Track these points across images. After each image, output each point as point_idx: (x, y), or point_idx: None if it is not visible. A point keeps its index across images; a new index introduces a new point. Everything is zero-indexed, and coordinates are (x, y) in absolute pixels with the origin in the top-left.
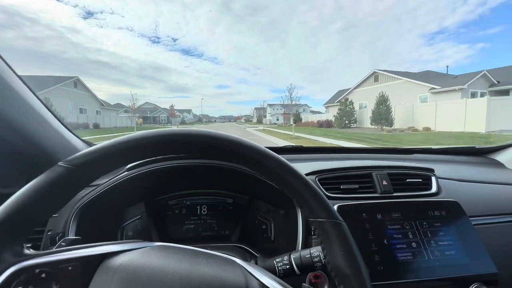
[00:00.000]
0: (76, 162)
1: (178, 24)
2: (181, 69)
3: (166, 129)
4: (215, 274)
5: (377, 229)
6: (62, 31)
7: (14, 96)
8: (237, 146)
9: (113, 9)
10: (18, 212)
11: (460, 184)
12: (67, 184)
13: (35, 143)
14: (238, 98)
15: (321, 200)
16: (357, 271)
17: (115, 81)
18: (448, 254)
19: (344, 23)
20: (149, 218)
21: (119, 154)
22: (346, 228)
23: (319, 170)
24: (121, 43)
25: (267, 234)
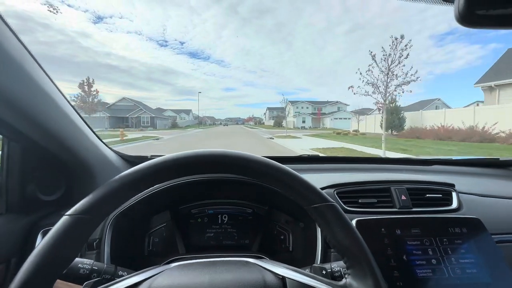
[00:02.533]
0: (82, 210)
1: (185, 28)
2: (188, 72)
3: (156, 159)
4: (234, 277)
5: (396, 244)
6: (73, 35)
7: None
8: (226, 158)
9: (122, 14)
10: (39, 270)
11: (482, 199)
12: (78, 232)
13: (75, 154)
14: (245, 101)
15: (312, 188)
16: (355, 241)
17: (124, 84)
18: (470, 273)
19: (351, 25)
20: (174, 226)
21: (121, 191)
22: (339, 208)
23: (338, 184)
24: (130, 47)
25: (285, 245)
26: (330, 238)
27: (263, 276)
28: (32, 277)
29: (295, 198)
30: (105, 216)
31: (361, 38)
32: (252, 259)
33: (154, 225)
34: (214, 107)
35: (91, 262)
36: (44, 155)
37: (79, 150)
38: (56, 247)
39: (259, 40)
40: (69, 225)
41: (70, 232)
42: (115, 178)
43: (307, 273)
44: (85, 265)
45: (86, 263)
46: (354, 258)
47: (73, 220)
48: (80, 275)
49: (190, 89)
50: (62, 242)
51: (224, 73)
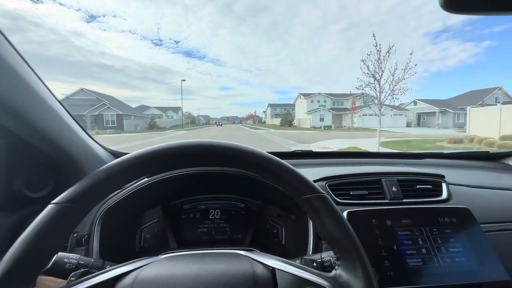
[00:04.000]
0: (68, 199)
1: (180, 27)
2: (183, 71)
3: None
4: (223, 268)
5: (387, 235)
6: (66, 34)
7: (43, 105)
8: (214, 148)
9: (116, 13)
10: (24, 259)
11: (471, 190)
12: (64, 221)
13: (62, 150)
14: (241, 100)
15: (303, 179)
16: (345, 231)
17: (119, 84)
18: (459, 261)
19: (347, 23)
20: (165, 222)
21: (109, 180)
22: (329, 198)
23: (329, 176)
24: (124, 46)
25: (278, 238)
26: (320, 230)
27: (252, 267)
28: (14, 267)
29: (286, 189)
30: (93, 206)
31: (356, 36)
32: (243, 252)
33: (146, 221)
34: (210, 106)
35: (78, 257)
36: (31, 151)
37: (67, 145)
38: (40, 237)
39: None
40: (55, 214)
41: (56, 221)
42: (103, 168)
43: (297, 265)
44: (71, 259)
45: (72, 258)
46: (344, 250)
47: (59, 208)
48: (66, 269)
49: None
50: (47, 231)
51: (220, 72)
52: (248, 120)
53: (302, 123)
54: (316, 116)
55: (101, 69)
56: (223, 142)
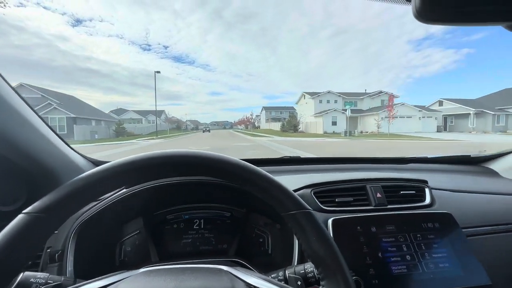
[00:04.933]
0: (41, 209)
1: (170, 32)
2: (173, 77)
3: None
4: (201, 285)
5: (372, 242)
6: (50, 39)
7: (14, 113)
8: (199, 159)
9: (103, 17)
10: None
11: (453, 194)
12: (35, 233)
13: (36, 160)
14: (232, 105)
15: (289, 195)
16: (330, 251)
17: (106, 89)
18: (442, 267)
19: (334, 29)
20: (147, 233)
21: (86, 190)
22: (315, 215)
23: (315, 184)
24: (112, 51)
25: (264, 248)
26: (305, 247)
27: (233, 285)
28: None
29: (271, 204)
30: (67, 217)
31: (344, 42)
32: (226, 267)
33: (126, 233)
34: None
35: (46, 276)
36: (1, 163)
37: (41, 155)
38: (8, 248)
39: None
40: (25, 224)
41: (26, 232)
42: (80, 176)
43: (280, 284)
44: (39, 279)
45: (40, 277)
46: (328, 269)
47: (30, 218)
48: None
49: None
50: (15, 243)
51: (210, 78)
52: (240, 125)
53: (310, 127)
54: (327, 119)
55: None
56: (208, 153)
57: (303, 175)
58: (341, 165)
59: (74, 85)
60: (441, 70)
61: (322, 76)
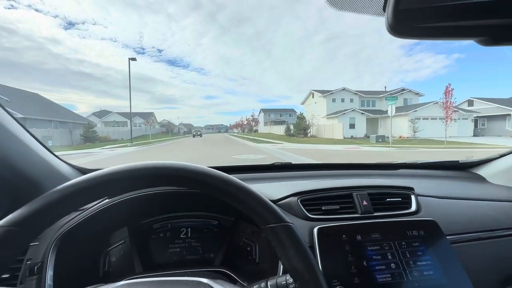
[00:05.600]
0: (13, 222)
1: (164, 35)
2: (167, 80)
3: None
4: None
5: (357, 250)
6: (42, 41)
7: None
8: (177, 171)
9: (96, 20)
10: None
11: (439, 201)
12: (5, 247)
13: (17, 169)
14: (226, 109)
15: (269, 207)
16: (308, 265)
17: (99, 93)
18: (427, 275)
19: (327, 34)
20: (132, 243)
21: (63, 203)
22: (295, 229)
23: (301, 192)
24: (105, 54)
25: (252, 256)
26: (283, 261)
27: None
28: None
29: (251, 216)
30: (41, 230)
31: (337, 47)
32: (206, 279)
33: (111, 243)
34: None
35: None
36: None
37: (22, 164)
38: None
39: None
40: None
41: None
42: (57, 188)
43: None
44: None
45: None
46: (306, 285)
47: (2, 232)
48: None
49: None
50: None
51: (204, 81)
52: (236, 128)
53: (323, 131)
54: (344, 120)
55: (80, 77)
56: (188, 164)
57: (292, 182)
58: (331, 171)
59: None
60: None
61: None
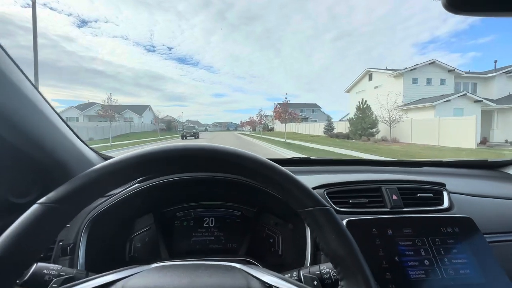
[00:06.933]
0: (55, 199)
1: (173, 33)
2: (177, 78)
3: (142, 150)
4: (216, 282)
5: (388, 245)
6: (57, 39)
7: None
8: (215, 153)
9: (108, 18)
10: (1, 262)
11: (473, 199)
12: (49, 223)
13: (51, 154)
14: (235, 107)
15: (306, 190)
16: (350, 250)
17: (111, 90)
18: (463, 273)
19: (338, 32)
20: (157, 230)
21: (100, 182)
22: (334, 213)
23: (328, 184)
24: (116, 52)
25: (274, 248)
26: (323, 245)
27: (248, 283)
28: None
29: (287, 200)
30: (81, 208)
31: (347, 45)
32: (239, 264)
33: (136, 229)
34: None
35: (59, 268)
36: (16, 154)
37: (56, 149)
38: (22, 238)
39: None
40: (39, 214)
41: (40, 222)
42: (95, 168)
43: (296, 283)
44: (51, 270)
45: (53, 269)
46: (348, 269)
47: (45, 209)
48: (44, 281)
49: (179, 95)
50: (29, 232)
51: (213, 79)
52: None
53: (414, 132)
54: (443, 113)
55: (93, 75)
56: (224, 147)
57: (315, 175)
58: (353, 167)
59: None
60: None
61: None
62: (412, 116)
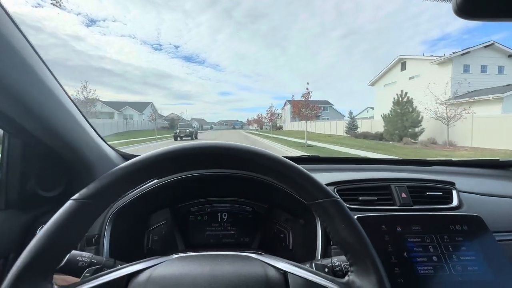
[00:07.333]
0: (87, 195)
1: (180, 32)
2: (183, 76)
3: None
4: (235, 270)
5: (397, 241)
6: (66, 39)
7: (62, 108)
8: (228, 150)
9: (116, 17)
10: (42, 253)
11: (482, 198)
12: (82, 218)
13: (76, 151)
14: (241, 105)
15: (317, 184)
16: (359, 237)
17: (119, 88)
18: (471, 270)
19: (345, 30)
20: (174, 223)
21: (125, 179)
22: (343, 204)
23: (338, 181)
24: (124, 51)
25: (285, 243)
26: (333, 235)
27: (265, 270)
28: (33, 261)
29: (298, 193)
30: (110, 203)
31: (354, 43)
32: (254, 254)
33: (153, 222)
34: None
35: (90, 255)
36: (45, 151)
37: (80, 146)
38: (59, 232)
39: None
40: (74, 209)
41: (75, 217)
42: (121, 166)
43: (310, 269)
44: (84, 257)
45: (85, 256)
46: (357, 256)
47: (78, 204)
48: (78, 268)
49: (186, 93)
50: (65, 226)
51: (219, 77)
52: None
53: (491, 133)
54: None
55: (101, 73)
56: (238, 144)
57: (325, 173)
58: (362, 165)
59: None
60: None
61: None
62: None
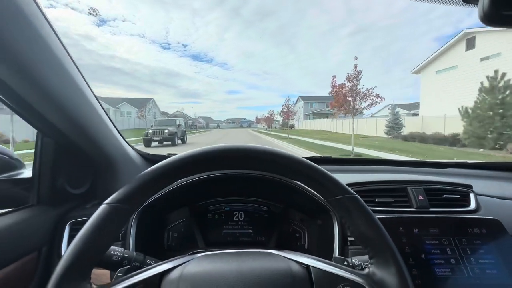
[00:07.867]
0: (118, 199)
1: (188, 30)
2: (191, 75)
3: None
4: (261, 266)
5: (415, 243)
6: (77, 38)
7: (89, 107)
8: (247, 152)
9: (125, 17)
10: (81, 254)
11: (500, 201)
12: (115, 220)
13: (102, 151)
14: (249, 103)
15: (334, 180)
16: (378, 231)
17: (128, 87)
18: (490, 273)
19: (355, 27)
20: (193, 222)
21: (152, 183)
22: (361, 200)
23: (354, 183)
24: (133, 50)
25: (301, 242)
26: (353, 230)
27: (289, 265)
28: (73, 263)
29: (317, 191)
30: (139, 206)
31: (364, 40)
32: (275, 251)
33: (173, 220)
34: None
35: (122, 250)
36: (75, 150)
37: (106, 146)
38: (95, 234)
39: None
40: (107, 213)
41: (108, 220)
42: (147, 171)
43: (331, 262)
44: (117, 252)
45: (118, 251)
46: (377, 248)
47: (111, 208)
48: (112, 261)
49: (194, 92)
50: (101, 229)
51: (227, 76)
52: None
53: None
54: None
55: (111, 72)
56: (258, 146)
57: (340, 174)
58: (377, 167)
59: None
60: None
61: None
62: None
